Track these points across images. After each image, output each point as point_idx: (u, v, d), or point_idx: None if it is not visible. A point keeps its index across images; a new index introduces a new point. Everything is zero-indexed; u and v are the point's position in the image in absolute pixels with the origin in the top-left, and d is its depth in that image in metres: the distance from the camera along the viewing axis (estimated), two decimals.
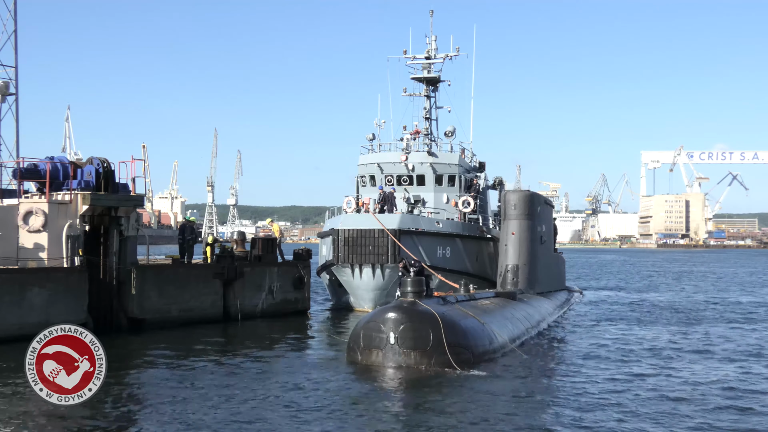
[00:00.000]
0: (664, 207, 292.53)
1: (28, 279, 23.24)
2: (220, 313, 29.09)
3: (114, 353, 17.44)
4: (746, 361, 21.64)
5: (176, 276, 28.11)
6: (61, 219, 24.78)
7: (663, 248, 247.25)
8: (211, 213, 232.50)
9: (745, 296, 46.65)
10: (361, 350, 19.72)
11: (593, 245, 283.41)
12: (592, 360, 21.22)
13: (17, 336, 20.20)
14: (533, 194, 33.25)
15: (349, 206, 37.23)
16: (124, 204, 26.34)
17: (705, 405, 15.81)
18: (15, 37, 49.83)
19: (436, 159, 38.97)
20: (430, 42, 43.15)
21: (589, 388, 17.30)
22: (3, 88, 47.56)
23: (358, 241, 33.09)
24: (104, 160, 26.50)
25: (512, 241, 31.37)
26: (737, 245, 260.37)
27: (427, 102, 42.81)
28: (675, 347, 23.95)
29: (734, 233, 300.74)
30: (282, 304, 31.53)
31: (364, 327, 20.11)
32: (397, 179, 38.91)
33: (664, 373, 19.44)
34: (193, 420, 14.24)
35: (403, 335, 19.15)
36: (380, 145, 40.86)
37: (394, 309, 19.89)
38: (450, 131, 40.89)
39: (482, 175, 42.87)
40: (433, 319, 19.60)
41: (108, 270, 26.04)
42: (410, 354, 19.07)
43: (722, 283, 61.16)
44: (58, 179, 26.21)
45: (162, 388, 17.02)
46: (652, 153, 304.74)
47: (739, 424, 14.33)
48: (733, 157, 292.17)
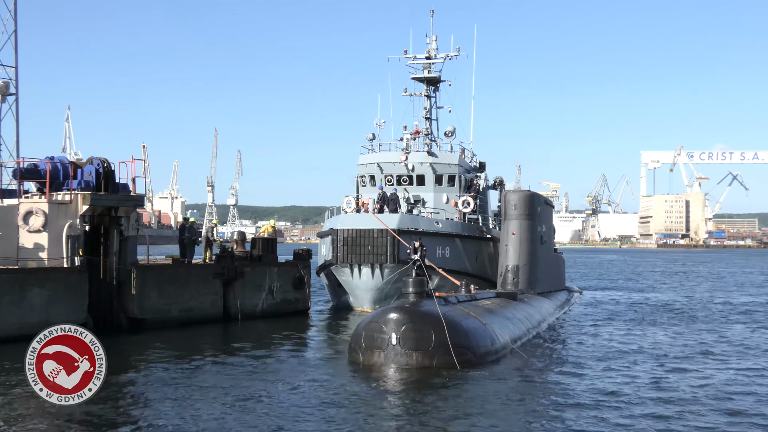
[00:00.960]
0: (664, 207, 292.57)
1: (28, 279, 23.22)
2: (220, 313, 29.09)
3: (114, 353, 17.43)
4: (749, 361, 21.63)
5: (176, 276, 28.09)
6: (61, 219, 24.77)
7: (663, 248, 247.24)
8: (211, 213, 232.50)
9: (746, 296, 46.63)
10: (363, 351, 19.65)
11: (593, 245, 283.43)
12: (594, 361, 21.20)
13: (17, 336, 20.19)
14: (533, 194, 33.24)
15: (349, 206, 37.18)
16: (124, 204, 26.33)
17: (708, 406, 15.78)
18: (15, 37, 49.84)
19: (436, 159, 38.93)
20: (431, 42, 43.14)
21: (591, 389, 17.28)
22: (3, 88, 47.54)
23: (357, 241, 33.05)
24: (104, 160, 26.49)
25: (512, 241, 31.36)
26: (737, 245, 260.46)
27: (428, 102, 42.79)
28: (676, 347, 23.95)
29: (734, 233, 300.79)
30: (282, 304, 31.52)
31: (366, 327, 20.05)
32: (396, 179, 38.87)
33: (667, 373, 19.42)
34: (193, 420, 14.21)
35: (405, 336, 19.09)
36: (380, 145, 40.86)
37: (396, 309, 19.84)
38: (450, 131, 40.87)
39: (483, 175, 42.83)
40: (435, 319, 19.56)
41: (108, 270, 26.03)
42: (412, 354, 19.01)
43: (722, 282, 61.16)
44: (58, 179, 26.19)
45: (162, 388, 17.00)
46: (652, 153, 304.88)
47: (740, 424, 14.32)
48: (733, 157, 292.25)
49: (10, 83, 48.52)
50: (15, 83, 48.97)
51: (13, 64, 49.35)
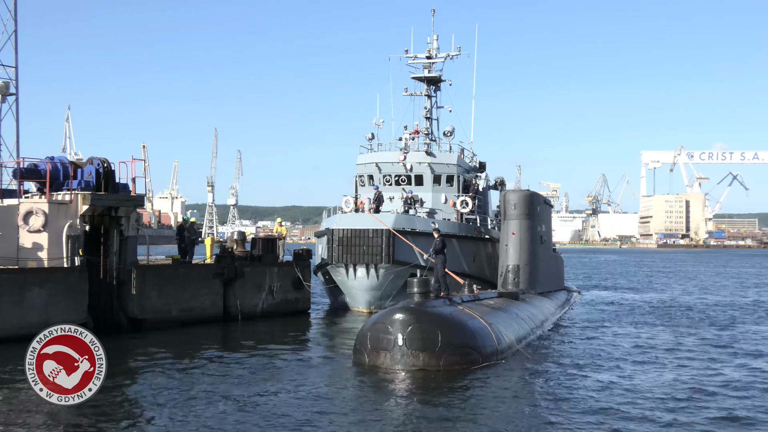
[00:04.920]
0: (664, 207, 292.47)
1: (28, 279, 23.20)
2: (220, 313, 29.07)
3: (114, 353, 17.40)
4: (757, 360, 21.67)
5: (176, 276, 28.07)
6: (61, 219, 24.75)
7: (663, 248, 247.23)
8: (211, 213, 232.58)
9: (746, 297, 46.63)
10: (369, 352, 19.43)
11: (593, 245, 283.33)
12: (598, 360, 21.16)
13: (17, 336, 20.17)
14: (533, 194, 33.19)
15: (347, 206, 37.10)
16: (124, 204, 26.32)
17: (713, 406, 15.75)
18: (15, 37, 49.91)
19: (434, 159, 38.78)
20: (432, 41, 43.05)
21: (598, 389, 17.24)
22: (3, 88, 47.56)
23: (352, 241, 32.90)
24: (104, 160, 26.47)
25: (513, 241, 31.30)
26: (737, 245, 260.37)
27: (428, 102, 42.73)
28: (677, 348, 23.91)
29: (734, 233, 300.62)
30: (282, 304, 31.50)
31: (372, 328, 19.84)
32: (395, 179, 38.80)
33: (672, 373, 19.39)
34: (193, 420, 14.19)
35: (412, 336, 18.91)
36: (380, 145, 40.67)
37: (402, 310, 19.67)
38: (449, 131, 40.77)
39: (483, 175, 42.63)
40: (441, 320, 19.50)
41: (108, 270, 26.01)
42: (419, 355, 18.82)
43: (724, 281, 61.16)
44: (59, 179, 26.17)
45: (162, 389, 16.96)
46: (652, 153, 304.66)
47: (741, 424, 14.32)
48: (733, 157, 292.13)
49: (10, 83, 48.56)
50: (15, 83, 49.04)
51: (13, 64, 49.46)
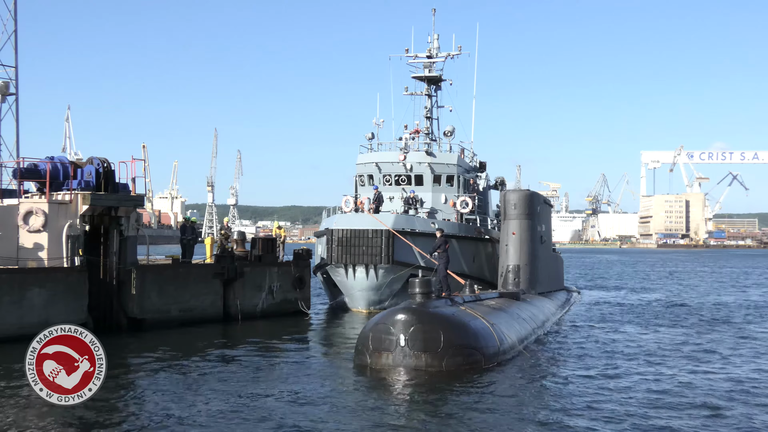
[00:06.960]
0: (664, 207, 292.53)
1: (28, 279, 23.20)
2: (220, 313, 29.06)
3: (114, 353, 17.41)
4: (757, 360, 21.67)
5: (176, 276, 28.05)
6: (61, 219, 24.75)
7: (663, 248, 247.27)
8: (211, 213, 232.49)
9: (745, 297, 46.62)
10: (371, 353, 19.33)
11: (593, 245, 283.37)
12: (601, 360, 21.14)
13: (17, 336, 20.17)
14: (533, 193, 33.14)
15: (347, 206, 37.07)
16: (124, 204, 26.31)
17: (717, 405, 15.74)
18: (15, 37, 49.87)
19: (434, 159, 38.71)
20: (432, 41, 43.02)
21: (601, 390, 17.22)
22: (3, 88, 47.54)
23: (351, 241, 32.83)
24: (104, 160, 26.47)
25: (513, 241, 31.25)
26: (737, 245, 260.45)
27: (429, 101, 42.70)
28: (678, 347, 23.91)
29: (734, 233, 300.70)
30: (282, 304, 31.48)
31: (373, 329, 19.75)
32: (395, 179, 38.75)
33: (673, 373, 19.38)
34: (193, 420, 14.18)
35: (414, 337, 18.83)
36: (380, 145, 40.65)
37: (404, 311, 19.61)
38: (449, 131, 40.73)
39: (483, 175, 42.57)
40: (444, 320, 19.47)
41: (108, 270, 26.01)
42: (421, 356, 18.74)
43: (724, 280, 61.16)
44: (58, 179, 26.16)
45: (162, 389, 16.95)
46: (652, 153, 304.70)
47: (743, 425, 14.31)
48: (733, 157, 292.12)
49: (10, 83, 48.54)
50: (15, 83, 49.01)
51: (13, 64, 49.43)
